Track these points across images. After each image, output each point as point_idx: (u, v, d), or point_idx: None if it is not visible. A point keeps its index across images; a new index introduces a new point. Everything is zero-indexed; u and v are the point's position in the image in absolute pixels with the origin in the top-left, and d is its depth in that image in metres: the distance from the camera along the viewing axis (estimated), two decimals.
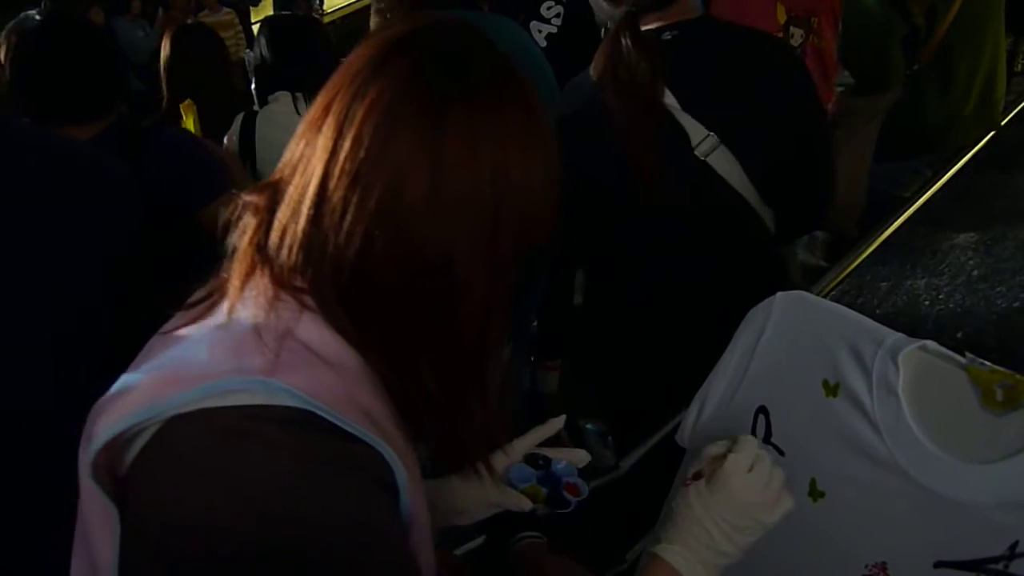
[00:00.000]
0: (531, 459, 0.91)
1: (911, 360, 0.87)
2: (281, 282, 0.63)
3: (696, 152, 1.39)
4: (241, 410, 0.56)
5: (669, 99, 1.38)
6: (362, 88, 0.62)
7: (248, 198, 0.65)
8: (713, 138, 1.39)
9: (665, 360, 1.60)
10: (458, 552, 1.42)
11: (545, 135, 0.66)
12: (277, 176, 0.66)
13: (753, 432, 1.02)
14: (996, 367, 0.81)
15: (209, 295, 0.66)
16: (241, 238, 0.66)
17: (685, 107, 1.39)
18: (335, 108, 0.63)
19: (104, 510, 0.59)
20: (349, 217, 0.61)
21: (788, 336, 1.01)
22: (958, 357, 0.84)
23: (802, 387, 0.97)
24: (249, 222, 0.65)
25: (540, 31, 2.48)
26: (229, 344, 0.61)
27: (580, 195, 1.49)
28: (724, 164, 1.40)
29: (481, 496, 0.89)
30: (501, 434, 0.73)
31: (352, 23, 6.71)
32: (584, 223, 1.59)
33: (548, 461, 0.90)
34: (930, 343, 0.87)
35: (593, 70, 1.43)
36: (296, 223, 0.63)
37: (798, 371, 0.98)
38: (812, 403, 0.96)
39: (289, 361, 0.59)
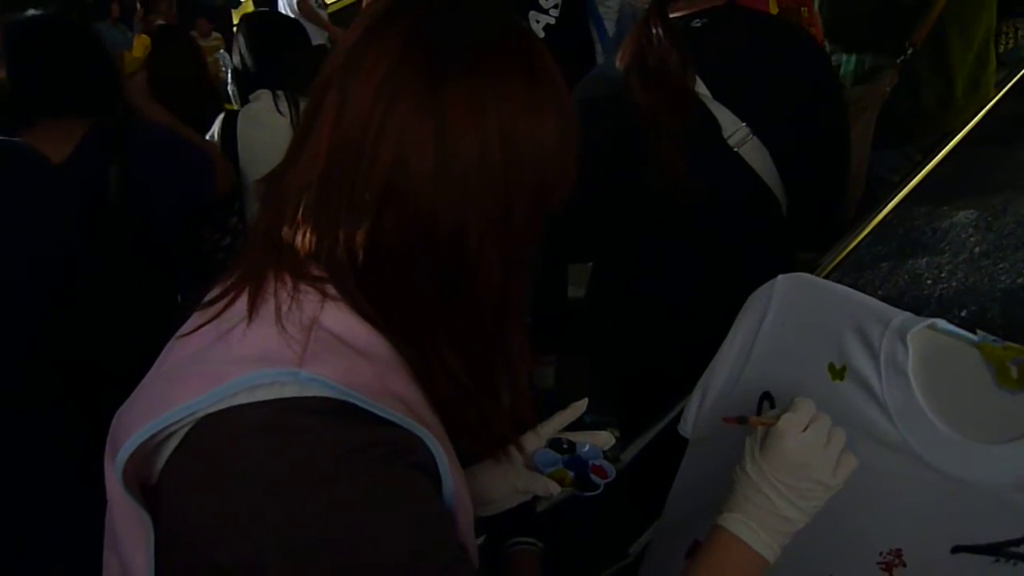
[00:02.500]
0: (555, 444, 0.89)
1: (920, 339, 0.85)
2: (299, 272, 0.61)
3: (729, 142, 1.36)
4: (273, 404, 0.54)
5: (700, 88, 1.35)
6: (357, 61, 0.60)
7: (257, 188, 0.63)
8: (745, 128, 1.35)
9: (676, 356, 1.57)
10: None
11: (557, 97, 0.63)
12: (284, 164, 0.63)
13: None
14: (1009, 344, 0.78)
15: (226, 292, 0.64)
16: (253, 230, 0.64)
17: (716, 96, 1.35)
18: (333, 85, 0.60)
19: (137, 518, 0.57)
20: (356, 196, 0.58)
21: (791, 319, 0.99)
22: (969, 335, 0.81)
23: (807, 371, 0.95)
24: (259, 213, 0.63)
25: (539, 22, 2.46)
26: (254, 339, 0.58)
27: (594, 186, 1.42)
28: (755, 155, 1.37)
29: (508, 484, 0.87)
30: (531, 414, 0.71)
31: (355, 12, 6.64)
32: (595, 216, 1.53)
33: (573, 445, 0.89)
34: (939, 321, 0.84)
35: (620, 59, 1.39)
36: (306, 209, 0.60)
37: (802, 355, 0.96)
38: (818, 387, 0.93)
39: (318, 351, 0.57)
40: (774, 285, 1.01)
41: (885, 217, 1.41)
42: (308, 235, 0.60)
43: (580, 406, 0.94)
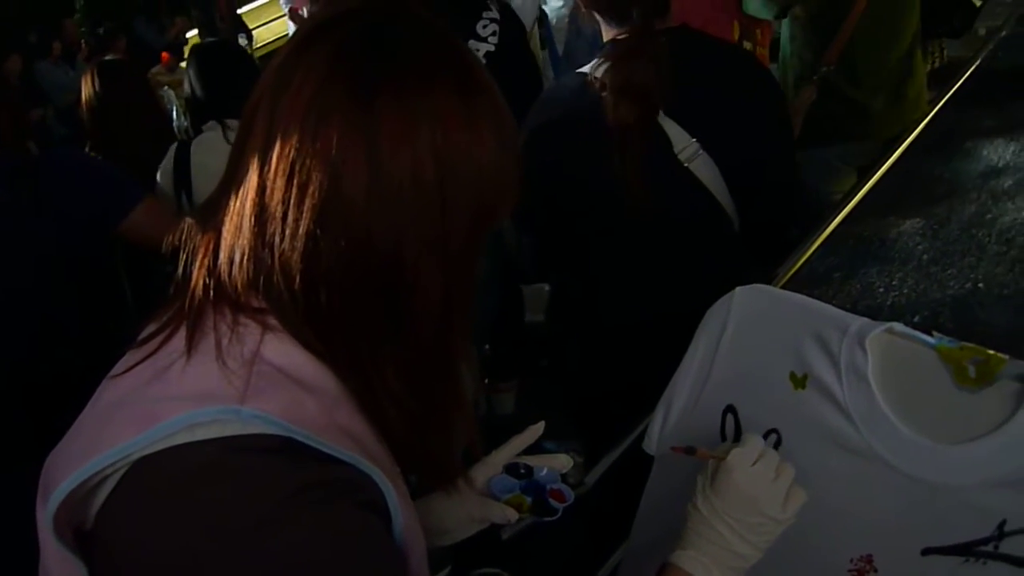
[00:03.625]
0: (512, 469, 0.87)
1: (878, 344, 0.85)
2: (238, 304, 0.58)
3: (679, 157, 1.39)
4: (214, 443, 0.52)
5: None
6: (285, 80, 0.58)
7: (191, 220, 0.61)
8: (695, 144, 1.38)
9: (637, 375, 1.58)
10: None
11: (495, 113, 0.61)
12: (218, 192, 0.61)
13: (722, 432, 0.99)
14: (965, 344, 0.79)
15: (162, 328, 0.61)
16: (190, 263, 0.61)
17: (668, 113, 1.38)
18: (262, 108, 0.59)
19: (70, 566, 0.54)
20: (290, 219, 0.56)
21: (751, 331, 0.99)
22: (926, 337, 0.82)
23: (769, 382, 0.95)
24: (196, 245, 0.60)
25: (478, 50, 2.46)
26: (192, 376, 0.56)
27: (555, 205, 1.47)
28: (705, 170, 1.40)
29: (464, 512, 0.85)
30: (478, 442, 0.69)
31: None
32: (556, 236, 1.56)
33: (530, 469, 0.87)
34: (896, 325, 0.85)
35: (608, 74, 1.39)
36: (241, 236, 0.58)
37: (764, 366, 0.96)
38: (781, 398, 0.93)
39: (260, 386, 0.54)
40: (732, 297, 1.02)
41: (835, 229, 1.43)
42: (245, 264, 0.58)
43: (537, 429, 0.92)
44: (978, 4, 2.77)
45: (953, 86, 1.94)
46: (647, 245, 1.47)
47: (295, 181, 0.56)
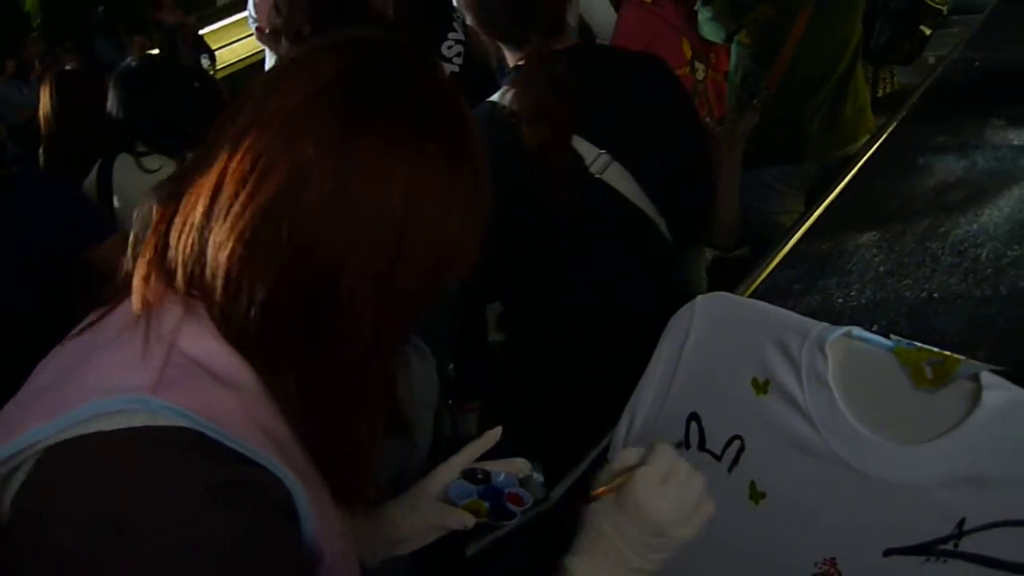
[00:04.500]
0: (469, 475, 0.87)
1: (838, 348, 0.86)
2: (173, 289, 0.57)
3: (591, 170, 1.43)
4: (120, 434, 0.50)
5: None
6: (279, 85, 0.58)
7: (150, 203, 0.60)
8: (606, 156, 1.43)
9: (582, 384, 1.61)
10: None
11: (474, 182, 0.62)
12: (180, 175, 0.61)
13: (686, 440, 0.99)
14: (922, 346, 0.80)
15: (103, 315, 0.60)
16: (141, 247, 0.60)
17: (576, 130, 1.43)
18: (250, 103, 0.59)
19: None
20: (237, 205, 0.55)
21: (713, 338, 0.99)
22: (884, 340, 0.83)
23: (732, 388, 0.95)
24: (155, 220, 0.60)
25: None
26: (109, 362, 0.55)
27: (495, 228, 1.51)
28: (620, 179, 1.45)
29: (420, 520, 0.84)
30: (374, 469, 0.67)
31: (248, 76, 6.62)
32: (499, 256, 1.58)
33: (487, 474, 0.87)
34: (855, 329, 0.86)
35: (515, 101, 1.43)
36: (191, 222, 0.57)
37: (726, 373, 0.96)
38: (743, 403, 0.93)
39: (174, 377, 0.53)
40: (694, 305, 1.02)
41: (795, 244, 1.46)
42: (189, 248, 0.57)
43: (494, 435, 0.92)
44: (928, 33, 2.87)
45: (907, 104, 2.00)
46: (579, 257, 1.52)
47: (255, 173, 0.56)
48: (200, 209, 0.57)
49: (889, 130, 1.99)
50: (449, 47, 2.50)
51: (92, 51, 7.87)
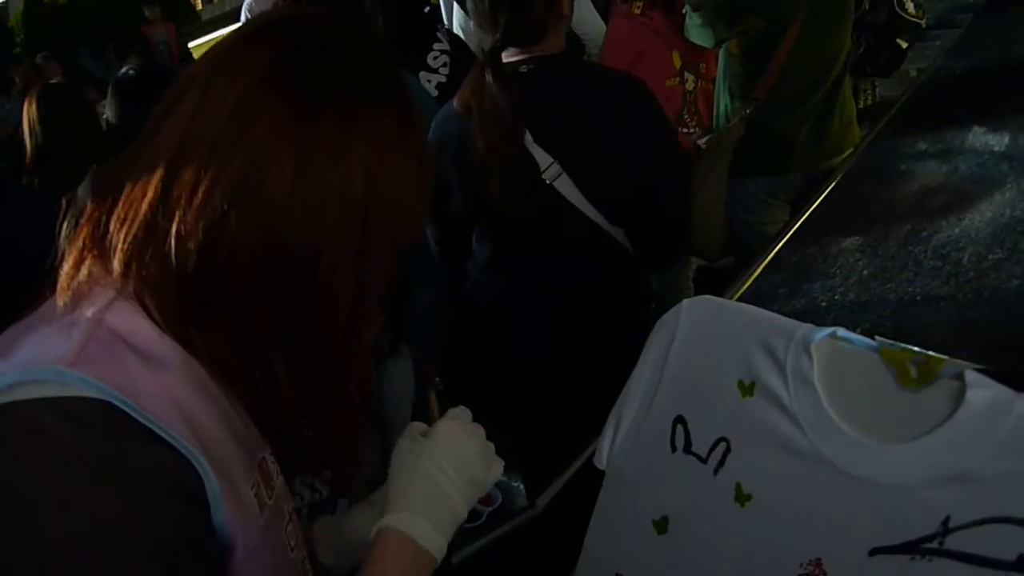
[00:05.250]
0: None
1: (823, 349, 0.86)
2: (107, 268, 0.57)
3: (543, 177, 1.49)
4: (30, 404, 0.50)
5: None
6: (226, 66, 0.57)
7: (92, 184, 0.59)
8: (556, 165, 1.47)
9: (551, 393, 1.63)
10: None
11: (422, 149, 0.65)
12: (128, 156, 0.60)
13: (672, 444, 0.99)
14: (906, 346, 0.80)
15: (37, 306, 0.60)
16: (81, 227, 0.60)
17: (535, 136, 1.48)
18: (197, 82, 0.57)
19: None
20: (201, 189, 0.55)
21: (699, 342, 0.99)
22: (868, 340, 0.83)
23: (717, 391, 0.95)
24: (90, 209, 0.59)
25: (430, 81, 2.47)
26: (35, 336, 0.55)
27: (447, 221, 1.61)
28: (567, 189, 1.50)
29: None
30: (363, 434, 0.68)
31: None
32: (455, 252, 1.67)
33: None
34: (840, 330, 0.86)
35: (457, 100, 1.49)
36: (141, 201, 0.56)
37: (712, 376, 0.96)
38: (729, 406, 0.93)
39: (94, 352, 0.53)
40: (680, 309, 1.02)
41: (779, 250, 1.47)
42: (135, 230, 0.57)
43: None
44: (904, 46, 2.91)
45: (888, 113, 2.02)
46: (531, 259, 1.58)
47: (215, 157, 0.55)
48: (148, 199, 0.57)
49: (871, 138, 2.00)
50: (435, 57, 2.50)
51: (77, 65, 7.83)
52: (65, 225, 0.61)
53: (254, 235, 0.56)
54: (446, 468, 0.73)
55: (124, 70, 2.17)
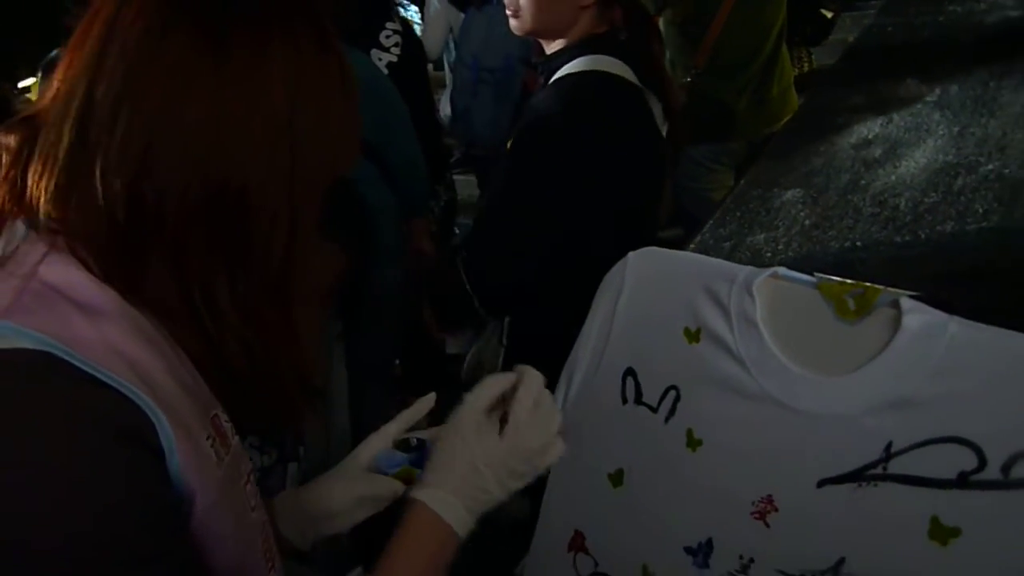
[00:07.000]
0: (403, 444, 0.86)
1: (765, 289, 0.87)
2: (32, 221, 0.55)
3: None
4: None
5: None
6: (122, 5, 0.55)
7: (3, 137, 0.56)
8: None
9: None
10: None
11: (344, 66, 0.62)
12: (37, 107, 0.57)
13: (623, 396, 0.99)
14: (844, 280, 0.81)
15: None
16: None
17: None
18: (99, 17, 0.55)
19: None
20: (120, 130, 0.52)
21: (645, 293, 0.99)
22: (808, 277, 0.84)
23: (665, 340, 0.95)
24: (4, 161, 0.56)
25: (380, 59, 2.45)
26: None
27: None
28: None
29: (350, 492, 0.82)
30: (314, 375, 0.67)
31: None
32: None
33: (422, 442, 0.85)
34: (781, 269, 0.87)
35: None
36: (58, 148, 0.54)
37: (659, 325, 0.96)
38: (677, 354, 0.94)
39: (28, 303, 0.51)
40: (626, 262, 1.02)
41: (724, 205, 1.48)
42: (56, 177, 0.55)
43: (428, 400, 0.91)
44: (830, 15, 2.96)
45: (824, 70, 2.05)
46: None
47: (130, 92, 0.53)
48: (64, 144, 0.54)
49: (809, 94, 2.04)
50: (387, 36, 2.49)
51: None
52: None
53: (182, 169, 0.54)
54: (498, 465, 0.73)
55: (53, 53, 2.10)
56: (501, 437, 0.74)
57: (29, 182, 0.56)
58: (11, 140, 0.58)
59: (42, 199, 0.55)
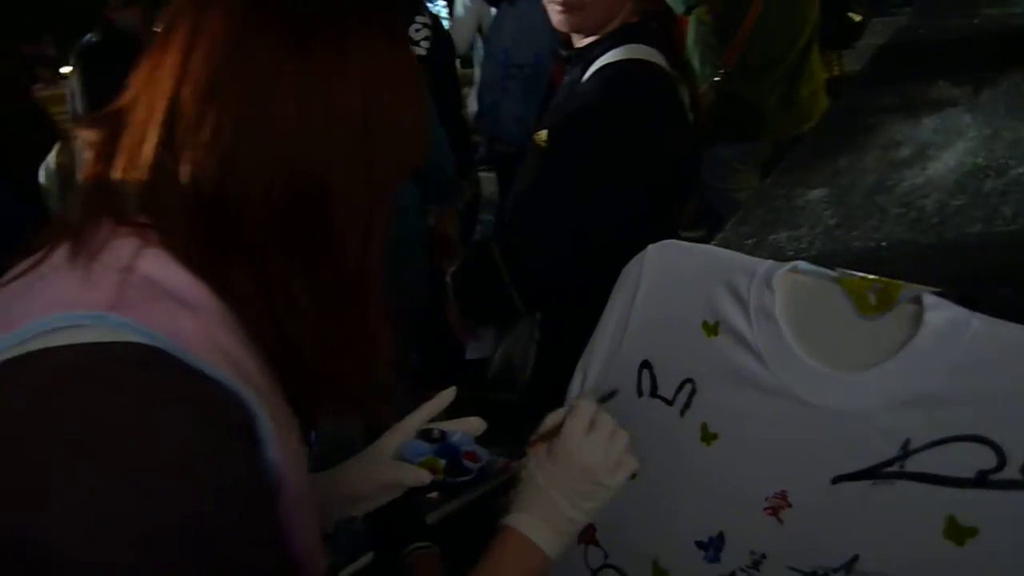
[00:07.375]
0: (425, 435, 0.87)
1: (784, 283, 0.86)
2: (122, 217, 0.55)
3: None
4: (75, 349, 0.48)
5: None
6: (206, 6, 0.56)
7: (85, 132, 0.58)
8: None
9: None
10: (344, 573, 1.31)
11: (414, 65, 0.63)
12: (119, 105, 0.58)
13: (639, 388, 0.98)
14: (866, 275, 0.80)
15: (47, 241, 0.57)
16: (81, 176, 0.58)
17: None
18: (183, 19, 0.56)
19: None
20: (207, 127, 0.54)
21: (663, 286, 0.99)
22: (829, 272, 0.83)
23: (682, 334, 0.95)
24: (88, 157, 0.58)
25: None
26: (61, 283, 0.52)
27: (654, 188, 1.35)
28: None
29: (375, 478, 0.84)
30: (387, 372, 0.67)
31: None
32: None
33: (443, 434, 0.87)
34: (801, 263, 0.86)
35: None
36: (143, 147, 0.55)
37: (677, 318, 0.96)
38: (694, 347, 0.93)
39: (132, 296, 0.51)
40: (645, 256, 1.02)
41: (747, 202, 1.46)
42: (142, 175, 0.56)
43: (448, 394, 0.92)
44: (858, 20, 2.92)
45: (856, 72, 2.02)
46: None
47: (217, 93, 0.54)
48: (152, 142, 0.55)
49: (840, 95, 2.02)
50: (416, 30, 2.50)
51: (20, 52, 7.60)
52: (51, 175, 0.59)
53: (267, 167, 0.55)
54: (562, 485, 0.77)
55: (87, 37, 2.13)
56: (553, 461, 0.77)
57: (115, 179, 0.57)
58: (94, 136, 0.59)
59: (130, 198, 0.56)
